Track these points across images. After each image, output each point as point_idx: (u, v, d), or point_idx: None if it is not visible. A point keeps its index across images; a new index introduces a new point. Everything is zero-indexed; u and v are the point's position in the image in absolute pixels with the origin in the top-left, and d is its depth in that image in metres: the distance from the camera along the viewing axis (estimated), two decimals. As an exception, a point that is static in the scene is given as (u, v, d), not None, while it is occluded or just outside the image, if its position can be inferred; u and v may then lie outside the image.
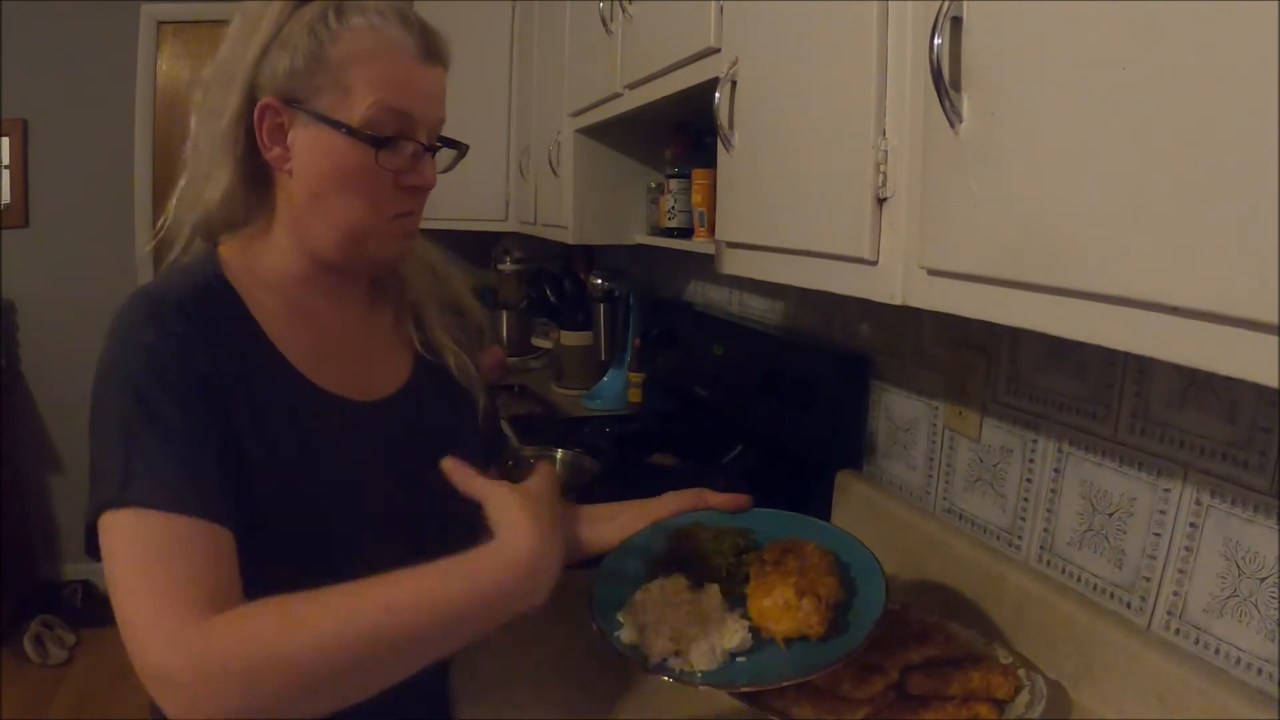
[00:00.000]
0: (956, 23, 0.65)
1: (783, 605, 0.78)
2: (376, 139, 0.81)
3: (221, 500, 0.73)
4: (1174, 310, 0.50)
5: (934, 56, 0.65)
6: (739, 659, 0.78)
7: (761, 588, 0.81)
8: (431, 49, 0.84)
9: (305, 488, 0.82)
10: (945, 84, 0.65)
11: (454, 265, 1.05)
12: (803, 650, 0.78)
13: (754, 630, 0.80)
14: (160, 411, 0.73)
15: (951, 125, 0.66)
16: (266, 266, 0.88)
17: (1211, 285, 0.47)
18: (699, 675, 0.76)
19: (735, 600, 0.84)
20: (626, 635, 0.80)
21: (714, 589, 0.85)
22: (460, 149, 0.93)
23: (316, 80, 0.81)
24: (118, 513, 0.70)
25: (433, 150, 0.86)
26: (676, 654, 0.77)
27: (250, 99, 0.82)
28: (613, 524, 0.98)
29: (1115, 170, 0.53)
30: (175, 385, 0.74)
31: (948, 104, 0.66)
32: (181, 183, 0.88)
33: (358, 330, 0.94)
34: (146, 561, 0.66)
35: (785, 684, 0.75)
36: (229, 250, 0.88)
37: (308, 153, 0.83)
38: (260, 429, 0.80)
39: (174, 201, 0.88)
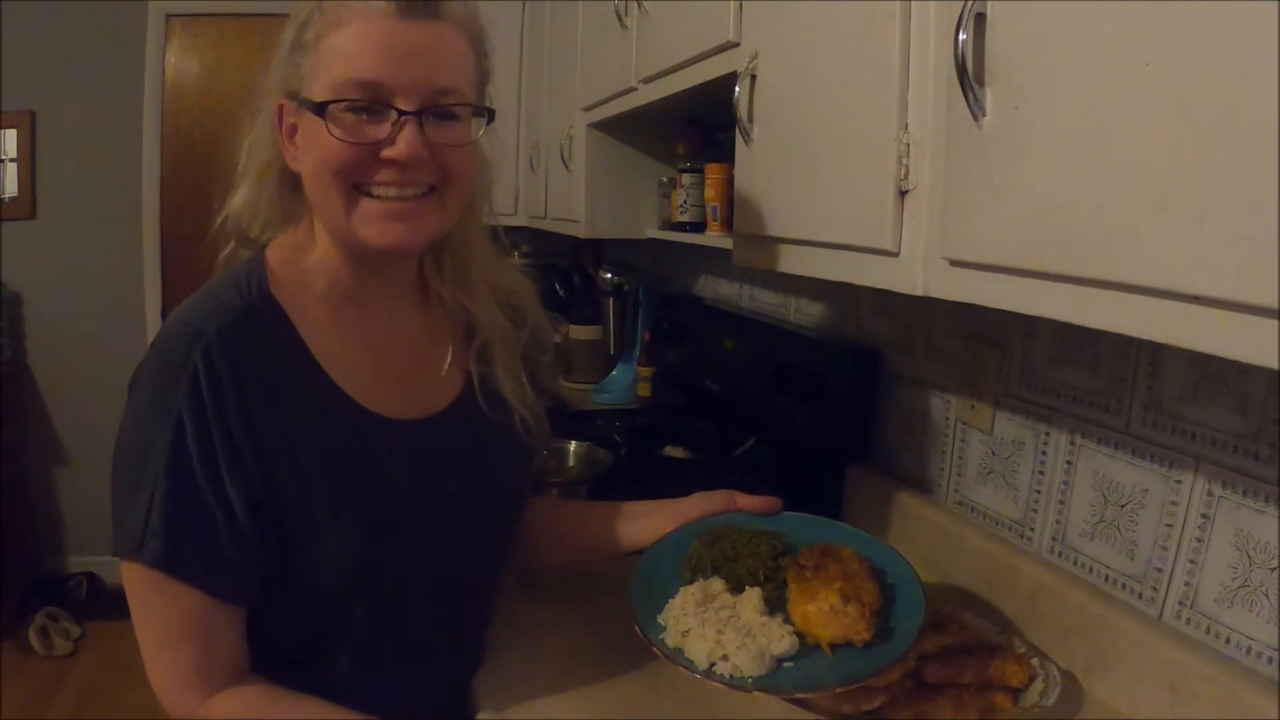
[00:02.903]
0: (980, 18, 0.66)
1: (829, 611, 0.78)
2: (320, 105, 0.75)
3: (233, 575, 0.77)
4: (1196, 299, 0.51)
5: (959, 51, 0.66)
6: (785, 664, 0.78)
7: (805, 593, 0.80)
8: (414, 4, 0.76)
9: (345, 509, 0.81)
10: (970, 78, 0.66)
11: (520, 273, 1.02)
12: (847, 656, 0.78)
13: (798, 635, 0.80)
14: (189, 477, 0.74)
15: (975, 118, 0.67)
16: (314, 270, 0.85)
17: (1233, 274, 0.48)
18: (750, 681, 0.75)
19: (773, 604, 0.84)
20: (670, 640, 0.80)
21: (755, 593, 0.84)
22: (479, 113, 0.84)
23: (303, 68, 0.78)
24: (135, 564, 0.75)
25: (417, 117, 0.76)
26: (725, 658, 0.77)
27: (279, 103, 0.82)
28: (645, 522, 0.97)
29: (1138, 162, 0.54)
30: (209, 446, 0.75)
31: (971, 98, 0.66)
32: (238, 190, 0.87)
33: (408, 343, 0.91)
34: (167, 637, 0.77)
35: (837, 690, 0.75)
36: (278, 255, 0.85)
37: (303, 142, 0.80)
38: (301, 456, 0.79)
39: (228, 207, 0.87)
